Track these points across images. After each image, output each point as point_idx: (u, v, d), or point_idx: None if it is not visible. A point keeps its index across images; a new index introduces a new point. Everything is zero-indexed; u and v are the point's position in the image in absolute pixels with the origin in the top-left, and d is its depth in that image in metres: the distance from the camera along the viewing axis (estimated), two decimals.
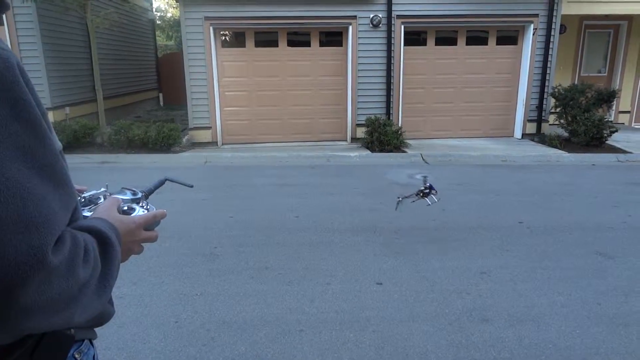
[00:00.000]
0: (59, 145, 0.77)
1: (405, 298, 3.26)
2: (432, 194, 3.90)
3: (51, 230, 0.65)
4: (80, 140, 8.30)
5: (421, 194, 3.92)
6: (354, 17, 8.65)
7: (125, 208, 0.99)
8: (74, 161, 7.47)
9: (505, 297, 3.28)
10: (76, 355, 0.86)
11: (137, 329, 2.86)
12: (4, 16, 7.99)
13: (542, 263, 3.83)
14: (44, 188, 0.67)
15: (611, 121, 8.95)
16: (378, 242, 4.28)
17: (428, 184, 3.97)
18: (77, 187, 1.05)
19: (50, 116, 8.60)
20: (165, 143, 8.18)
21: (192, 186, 1.43)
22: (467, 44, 9.28)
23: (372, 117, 8.65)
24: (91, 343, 0.92)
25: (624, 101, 11.04)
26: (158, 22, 20.85)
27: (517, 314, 3.05)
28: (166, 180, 1.33)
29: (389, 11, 8.62)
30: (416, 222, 4.78)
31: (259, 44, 8.91)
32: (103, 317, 0.90)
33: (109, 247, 0.79)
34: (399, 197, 3.22)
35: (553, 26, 8.98)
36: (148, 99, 14.95)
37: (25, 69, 0.72)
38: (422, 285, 3.45)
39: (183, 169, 7.47)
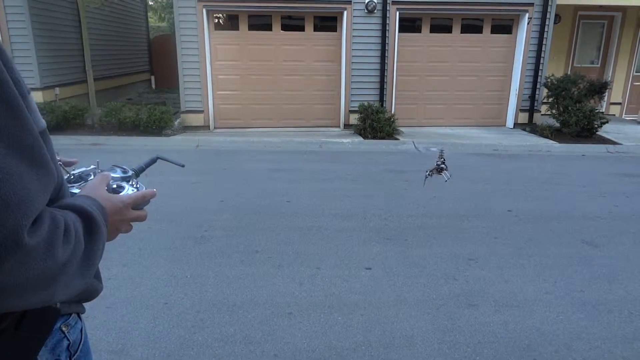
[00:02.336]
0: (42, 124, 0.76)
1: (394, 283, 3.30)
2: (445, 169, 3.84)
3: (27, 212, 0.64)
4: (70, 121, 8.21)
5: (438, 169, 3.86)
6: (349, 2, 8.57)
7: (115, 186, 0.97)
8: (64, 142, 7.40)
9: (492, 283, 3.33)
10: (63, 328, 0.86)
11: (127, 309, 2.88)
12: None
13: (529, 251, 3.89)
14: (20, 168, 0.65)
15: (602, 112, 9.01)
16: (368, 227, 4.31)
17: (443, 159, 3.90)
18: (67, 159, 1.04)
19: (40, 97, 8.48)
20: (157, 126, 8.12)
21: (183, 165, 1.41)
22: (462, 32, 9.24)
23: (365, 103, 8.63)
24: (79, 317, 0.93)
25: (615, 93, 11.10)
26: (150, 3, 20.51)
27: (503, 300, 3.11)
28: (157, 158, 1.32)
29: None
30: (406, 209, 4.81)
31: (252, 27, 8.80)
32: (91, 293, 0.90)
33: (93, 226, 0.78)
34: (427, 173, 3.19)
35: (548, 16, 8.97)
36: (139, 82, 14.77)
37: (3, 47, 0.69)
38: (410, 270, 3.49)
39: (174, 153, 7.42)
